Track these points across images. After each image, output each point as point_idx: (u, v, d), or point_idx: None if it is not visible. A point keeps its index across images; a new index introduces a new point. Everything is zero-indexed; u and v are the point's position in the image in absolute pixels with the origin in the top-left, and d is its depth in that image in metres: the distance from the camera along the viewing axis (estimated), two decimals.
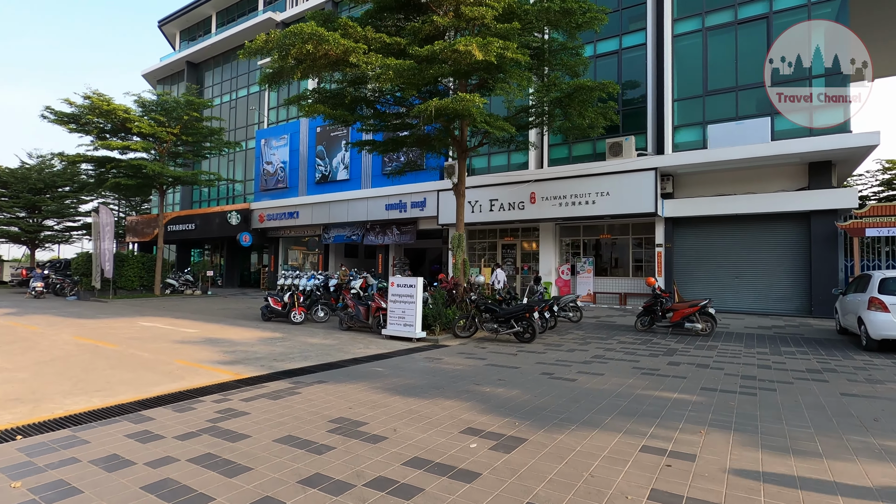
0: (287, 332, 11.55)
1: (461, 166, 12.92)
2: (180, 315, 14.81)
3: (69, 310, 16.12)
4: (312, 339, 10.41)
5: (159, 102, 20.08)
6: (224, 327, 12.08)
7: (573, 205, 16.39)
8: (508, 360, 8.10)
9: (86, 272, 20.65)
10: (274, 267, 27.22)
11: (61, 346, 8.94)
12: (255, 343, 9.69)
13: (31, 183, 29.78)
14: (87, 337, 10.05)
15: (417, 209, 20.18)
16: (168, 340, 9.76)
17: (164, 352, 8.45)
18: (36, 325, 11.98)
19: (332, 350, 9.06)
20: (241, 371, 7.02)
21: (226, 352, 8.58)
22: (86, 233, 35.57)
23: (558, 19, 10.62)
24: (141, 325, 12.36)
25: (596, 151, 16.91)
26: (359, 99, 12.40)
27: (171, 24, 37.01)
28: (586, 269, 17.80)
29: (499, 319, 10.32)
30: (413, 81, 9.88)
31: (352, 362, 7.90)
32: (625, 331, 11.78)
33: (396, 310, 10.85)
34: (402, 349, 9.37)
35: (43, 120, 18.89)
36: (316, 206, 23.61)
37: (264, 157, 26.13)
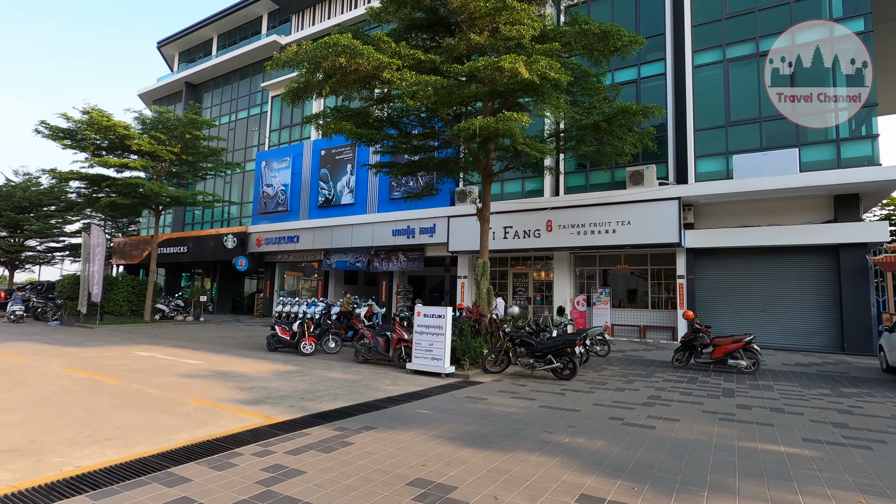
0: (301, 364, 10.62)
1: (486, 191, 12.39)
2: (177, 344, 13.73)
3: (54, 336, 14.91)
4: (332, 374, 9.51)
5: (160, 120, 19.36)
6: (230, 358, 11.10)
7: (592, 233, 15.92)
8: (560, 401, 7.33)
9: (71, 295, 19.39)
10: (269, 293, 26.13)
11: (53, 379, 7.92)
12: (272, 378, 8.77)
13: (15, 201, 28.51)
14: (81, 368, 9.02)
15: (426, 235, 19.53)
16: (173, 374, 8.79)
17: (174, 388, 7.50)
18: (20, 353, 10.86)
19: (359, 387, 8.20)
20: (269, 413, 6.14)
21: (243, 388, 7.66)
22: (69, 254, 34.11)
23: (595, 43, 10.32)
24: (137, 354, 11.30)
25: (615, 180, 16.59)
26: (381, 119, 11.87)
27: (171, 45, 36.67)
28: (603, 301, 17.21)
29: (535, 354, 9.58)
30: (448, 100, 9.39)
31: (388, 402, 7.06)
32: (661, 367, 11.10)
33: (423, 342, 10.04)
34: (433, 386, 8.55)
35: (36, 135, 18.02)
36: (318, 231, 22.82)
37: (264, 180, 25.41)
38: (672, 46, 15.86)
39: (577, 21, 10.69)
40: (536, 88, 9.84)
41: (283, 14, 30.40)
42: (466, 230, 18.44)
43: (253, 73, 30.41)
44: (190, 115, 19.64)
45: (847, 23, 13.55)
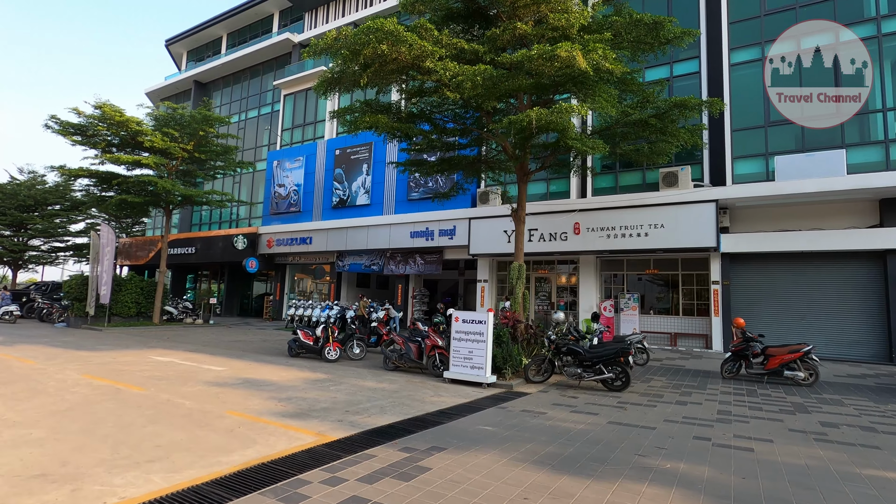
0: (329, 371, 10.01)
1: (522, 190, 11.81)
2: (192, 348, 13.12)
3: (63, 339, 14.29)
4: (366, 382, 8.90)
5: (174, 116, 18.79)
6: (253, 365, 10.48)
7: (623, 237, 15.34)
8: (626, 416, 6.73)
9: (78, 296, 18.76)
10: (279, 296, 25.51)
11: (72, 387, 7.30)
12: (305, 387, 8.16)
13: (20, 200, 27.89)
14: (100, 375, 8.40)
15: (446, 237, 18.94)
16: (199, 382, 8.17)
17: (205, 398, 6.89)
18: (32, 357, 10.23)
19: (402, 398, 7.59)
20: (318, 428, 5.53)
21: (279, 399, 7.05)
22: (73, 254, 33.47)
23: (644, 35, 9.78)
24: (155, 359, 10.68)
25: (646, 181, 16.03)
26: (413, 114, 11.30)
27: (179, 43, 36.19)
28: (631, 307, 16.60)
29: (584, 363, 8.98)
30: (493, 92, 8.83)
31: (441, 416, 6.45)
32: (710, 377, 10.48)
33: (461, 349, 9.43)
34: (480, 398, 7.95)
35: (46, 130, 17.44)
36: (332, 232, 22.22)
37: (276, 180, 24.83)
38: (706, 44, 15.34)
39: (623, 11, 10.15)
40: (584, 81, 9.29)
41: (296, 12, 29.93)
42: (488, 232, 17.89)
43: (264, 72, 29.91)
44: (203, 111, 19.07)
45: (894, 20, 13.04)
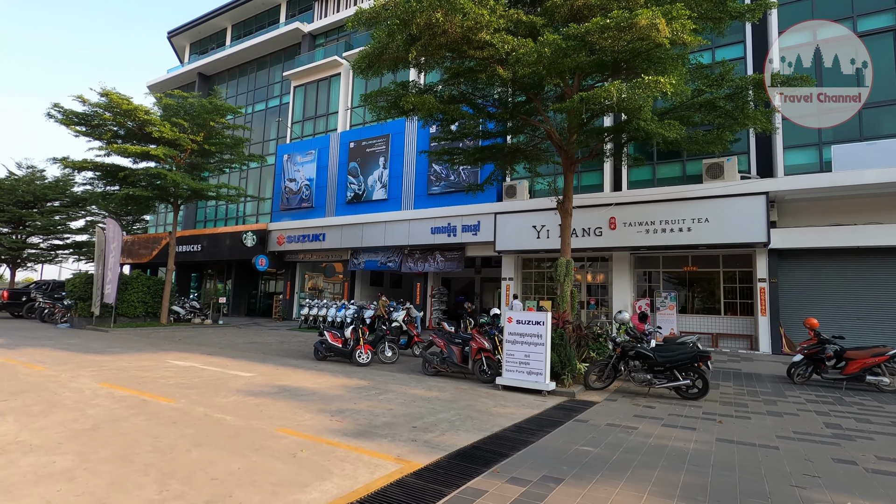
0: (367, 377, 9.13)
1: (568, 180, 10.93)
2: (209, 351, 12.21)
3: (68, 341, 13.34)
4: (414, 390, 8.03)
5: (182, 105, 17.81)
6: (281, 369, 9.59)
7: (664, 232, 14.50)
8: (729, 431, 5.88)
9: (82, 296, 17.79)
10: (290, 295, 24.58)
11: (92, 399, 6.39)
12: (350, 396, 7.27)
13: (18, 195, 26.84)
14: (119, 383, 7.49)
15: (470, 233, 18.06)
16: (232, 390, 7.27)
17: (247, 411, 5.99)
18: (39, 362, 9.30)
19: (463, 409, 6.72)
20: (393, 451, 4.66)
21: (330, 412, 6.16)
22: (72, 252, 32.42)
23: (712, 9, 8.91)
24: (174, 364, 9.77)
25: (686, 173, 15.20)
26: (453, 97, 10.40)
27: (182, 35, 35.15)
28: (668, 305, 15.79)
29: (654, 369, 8.12)
30: (554, 69, 7.95)
31: (520, 432, 5.60)
32: (778, 382, 9.66)
33: (516, 353, 8.57)
34: (546, 408, 7.10)
35: (48, 119, 16.45)
36: (346, 228, 21.30)
37: (286, 174, 23.88)
38: (752, 27, 14.50)
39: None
40: (651, 57, 8.43)
41: (304, 2, 28.98)
42: (515, 228, 17.02)
43: (272, 64, 28.94)
44: (214, 100, 18.11)
45: None
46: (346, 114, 23.26)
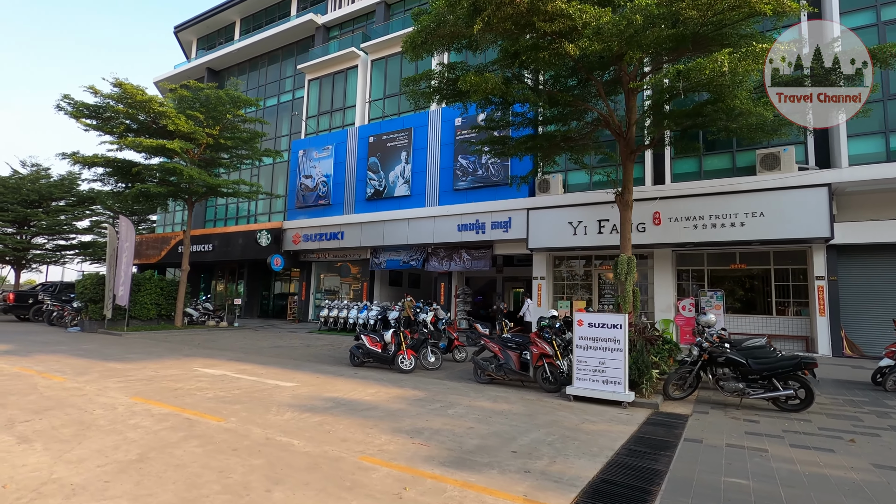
0: (420, 386, 8.28)
1: (628, 170, 10.08)
2: (234, 356, 11.36)
3: (83, 346, 12.48)
4: (481, 402, 7.18)
5: (198, 97, 16.93)
6: (322, 378, 8.73)
7: (712, 227, 13.64)
8: (879, 455, 5.03)
9: (93, 298, 16.92)
10: (305, 296, 23.72)
11: (129, 418, 5.53)
12: (416, 410, 6.41)
13: (23, 194, 25.97)
14: (152, 397, 6.63)
15: (500, 230, 17.20)
16: (281, 405, 6.42)
17: (314, 434, 5.14)
18: (58, 372, 8.44)
19: (548, 426, 5.87)
20: (513, 488, 3.81)
21: (407, 432, 5.31)
22: (77, 252, 31.56)
23: None
24: (204, 372, 8.91)
25: (736, 165, 14.33)
26: (507, 79, 9.50)
27: (189, 30, 34.29)
28: (714, 305, 14.91)
29: (749, 377, 7.27)
30: (636, 42, 7.09)
31: (638, 457, 4.76)
32: (866, 389, 8.81)
33: (589, 360, 7.71)
34: (639, 423, 6.27)
35: (58, 112, 15.58)
36: (366, 226, 20.44)
37: (302, 171, 23.00)
38: None
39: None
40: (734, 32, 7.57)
41: None
42: (549, 224, 16.16)
43: (284, 57, 28.06)
44: (232, 91, 17.23)
45: None
46: (365, 107, 22.38)
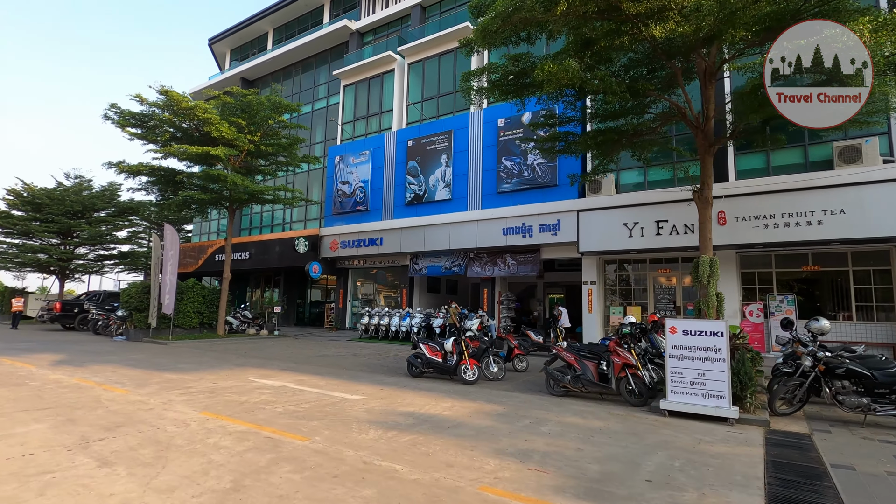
0: (493, 399, 7.68)
1: (707, 165, 9.34)
2: (286, 366, 10.97)
3: (132, 356, 12.30)
4: (569, 418, 6.54)
5: (241, 104, 16.82)
6: (387, 390, 8.21)
7: (785, 227, 12.71)
8: None
9: (139, 306, 16.88)
10: (342, 303, 23.40)
11: (205, 436, 5.09)
12: (508, 428, 5.82)
13: (67, 205, 26.49)
14: (222, 412, 6.21)
15: (548, 233, 16.52)
16: (358, 420, 5.91)
17: (411, 456, 4.60)
18: (116, 383, 8.14)
19: (666, 448, 5.20)
20: None
21: (512, 454, 4.72)
22: (118, 262, 32.09)
23: None
24: (263, 384, 8.50)
25: (809, 160, 13.37)
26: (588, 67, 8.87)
27: (223, 42, 34.79)
28: (785, 310, 13.91)
29: (875, 391, 6.44)
30: (739, 20, 6.43)
31: (795, 489, 4.05)
32: None
33: (684, 371, 7.01)
34: (758, 444, 5.55)
35: (105, 121, 15.67)
36: (406, 231, 20.02)
37: (339, 177, 22.77)
38: None
39: None
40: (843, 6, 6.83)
41: (349, 0, 28.09)
42: (601, 226, 15.42)
43: (317, 65, 28.09)
44: (274, 97, 17.09)
45: None
46: (402, 111, 22.05)
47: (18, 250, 26.15)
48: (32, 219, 25.89)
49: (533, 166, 17.14)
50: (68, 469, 4.01)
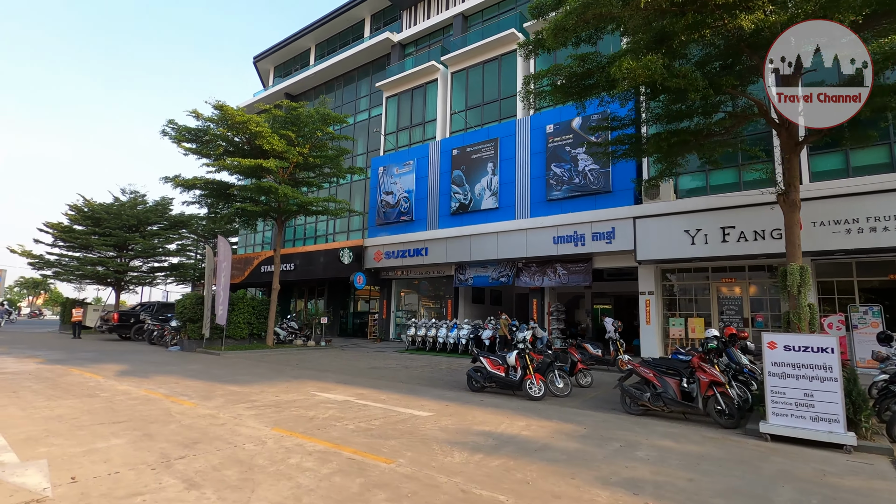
0: (569, 418, 7.20)
1: (793, 166, 8.64)
2: (341, 378, 10.77)
3: (189, 366, 12.41)
4: (659, 441, 5.99)
5: (291, 117, 17.06)
6: (453, 406, 7.85)
7: (871, 231, 11.74)
8: None
9: (192, 317, 17.19)
10: (386, 314, 23.29)
11: (286, 455, 4.86)
12: (599, 452, 5.35)
13: (124, 220, 27.60)
14: (293, 427, 5.99)
15: (602, 242, 15.89)
16: (436, 441, 5.56)
17: (511, 485, 4.22)
18: (182, 395, 8.10)
19: (779, 477, 4.64)
20: None
21: (619, 484, 4.26)
22: (168, 273, 33.17)
23: None
24: (324, 397, 8.29)
25: (895, 157, 12.34)
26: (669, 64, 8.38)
27: (267, 59, 35.83)
28: (871, 322, 12.80)
29: None
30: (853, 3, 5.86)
31: None
32: None
33: (788, 391, 6.34)
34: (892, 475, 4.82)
35: (163, 137, 16.17)
36: (451, 241, 19.75)
37: (382, 187, 22.80)
38: None
39: None
40: None
41: (389, 14, 28.42)
42: (661, 233, 14.71)
43: (359, 78, 28.45)
44: (323, 109, 17.26)
45: None
46: (446, 120, 21.93)
47: (79, 263, 27.35)
48: (92, 232, 27.07)
49: (584, 172, 16.59)
50: (157, 491, 3.82)
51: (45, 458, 4.60)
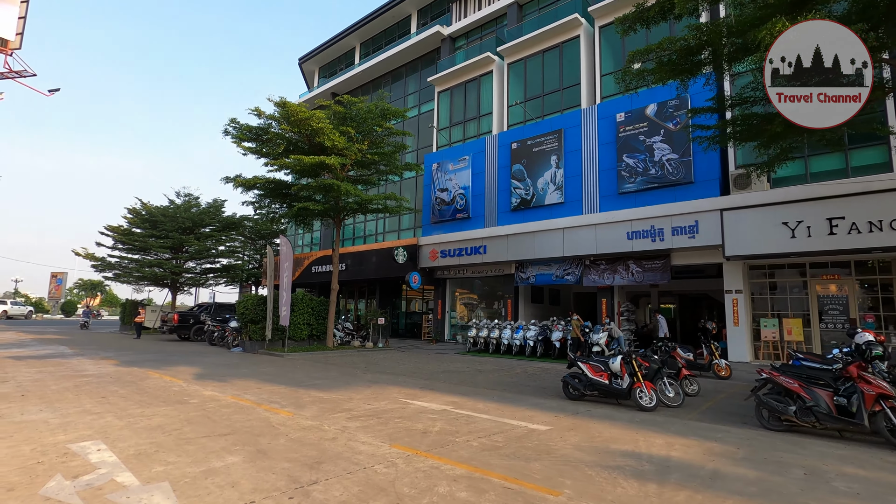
0: (700, 433, 6.31)
1: None
2: (417, 382, 10.21)
3: (262, 369, 12.10)
4: (843, 467, 5.06)
5: (349, 113, 16.66)
6: (565, 418, 7.08)
7: None
8: None
9: (254, 318, 17.04)
10: (441, 314, 22.68)
11: (430, 484, 4.23)
12: (781, 482, 4.50)
13: (179, 222, 28.07)
14: (415, 446, 5.37)
15: (684, 236, 14.74)
16: (586, 465, 4.82)
17: None
18: (274, 403, 7.63)
19: None
20: None
21: None
22: (220, 275, 33.62)
23: None
24: (420, 406, 7.68)
25: None
26: None
27: (312, 60, 35.91)
28: None
29: None
30: None
31: None
32: None
33: None
34: None
35: (224, 136, 16.05)
36: (512, 238, 18.93)
37: (437, 184, 22.22)
38: None
39: None
40: None
41: (436, 8, 27.82)
42: (754, 226, 13.47)
43: (407, 74, 27.99)
44: (382, 103, 16.78)
45: None
46: (503, 113, 21.13)
47: (137, 265, 27.98)
48: (149, 235, 27.63)
49: (661, 163, 15.48)
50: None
51: (166, 479, 4.11)
